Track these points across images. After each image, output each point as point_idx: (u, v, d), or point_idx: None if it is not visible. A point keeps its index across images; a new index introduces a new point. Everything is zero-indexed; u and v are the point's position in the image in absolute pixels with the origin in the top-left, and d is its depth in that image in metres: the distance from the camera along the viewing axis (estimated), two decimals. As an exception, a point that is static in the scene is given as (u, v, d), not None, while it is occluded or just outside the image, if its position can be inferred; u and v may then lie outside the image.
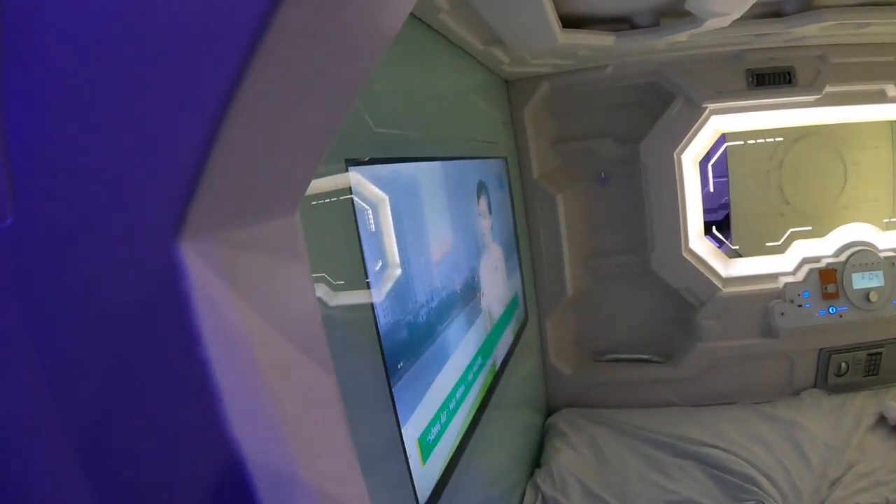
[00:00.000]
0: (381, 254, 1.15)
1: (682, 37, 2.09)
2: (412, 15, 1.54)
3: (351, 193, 1.05)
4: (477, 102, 2.18)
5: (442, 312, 1.42)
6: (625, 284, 2.90)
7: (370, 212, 1.12)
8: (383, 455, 1.15)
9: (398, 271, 1.20)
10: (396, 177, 1.27)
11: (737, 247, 3.21)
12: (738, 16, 1.83)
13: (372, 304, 1.10)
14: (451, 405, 1.48)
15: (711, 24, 1.88)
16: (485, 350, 1.80)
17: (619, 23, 2.11)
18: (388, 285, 1.17)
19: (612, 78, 2.63)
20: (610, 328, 2.95)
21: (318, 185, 0.99)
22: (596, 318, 2.95)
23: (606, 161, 2.76)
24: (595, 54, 2.35)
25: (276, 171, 0.50)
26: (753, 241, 3.28)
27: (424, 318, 1.32)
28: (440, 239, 1.49)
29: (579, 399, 2.87)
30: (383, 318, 1.12)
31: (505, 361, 2.08)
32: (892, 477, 2.32)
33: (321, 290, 0.96)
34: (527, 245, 2.69)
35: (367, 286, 1.08)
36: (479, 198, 1.91)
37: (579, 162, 2.79)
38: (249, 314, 0.46)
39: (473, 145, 2.02)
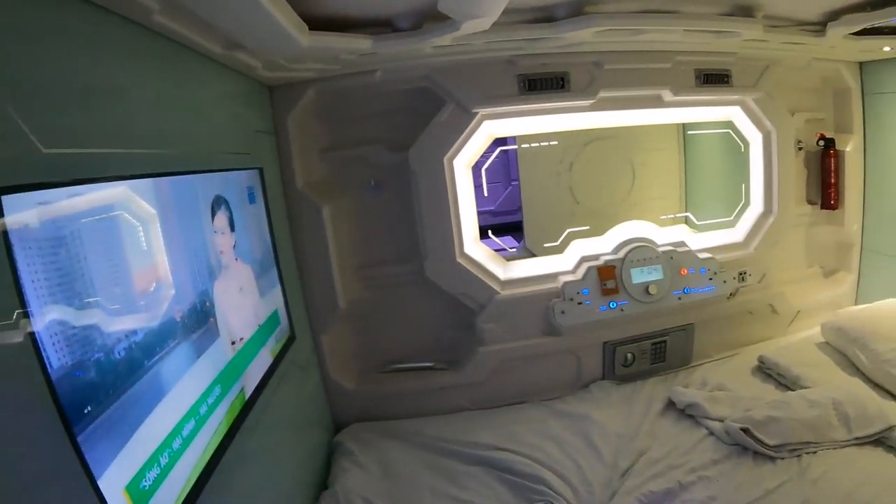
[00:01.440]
0: (52, 292, 1.08)
1: (445, 40, 2.18)
2: (123, 17, 1.47)
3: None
4: (223, 111, 2.15)
5: (152, 345, 1.37)
6: (404, 293, 3.01)
7: (34, 245, 1.05)
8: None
9: (75, 308, 1.13)
10: (79, 202, 1.20)
11: (531, 246, 3.41)
12: (494, 18, 1.93)
13: (37, 347, 1.02)
14: (177, 444, 1.44)
15: (469, 26, 1.97)
16: (227, 378, 1.77)
17: (382, 26, 2.16)
18: (65, 324, 1.10)
19: (381, 83, 2.71)
20: (392, 338, 3.05)
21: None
22: (377, 328, 3.03)
23: (378, 168, 2.85)
24: (361, 59, 2.40)
25: None
26: (546, 241, 3.49)
27: (124, 353, 1.27)
28: (149, 265, 1.43)
29: (367, 413, 2.93)
30: (57, 361, 1.06)
31: (262, 385, 2.05)
32: (684, 460, 2.52)
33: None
34: (292, 259, 2.69)
35: (28, 326, 1.01)
36: (215, 214, 1.86)
37: (350, 170, 2.85)
38: None
39: (213, 157, 1.97)
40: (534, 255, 3.44)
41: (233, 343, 1.87)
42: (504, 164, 6.09)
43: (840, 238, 3.96)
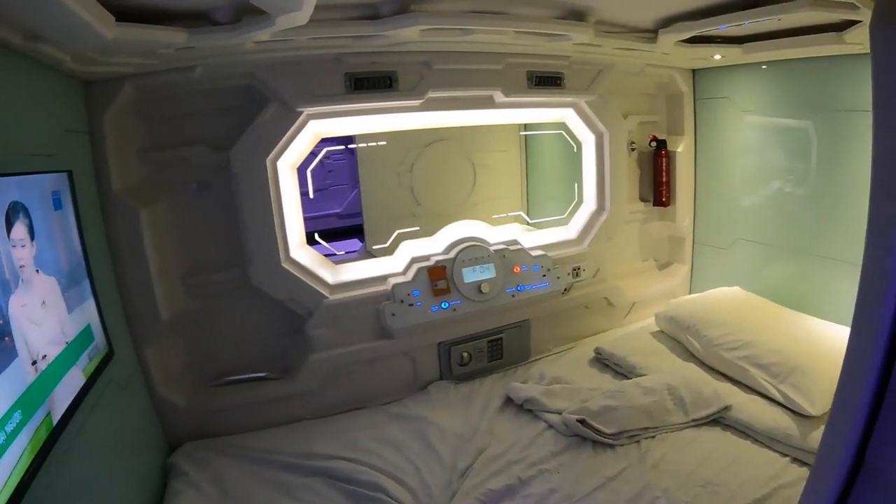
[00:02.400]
0: None
1: (264, 35, 2.14)
2: None
3: None
4: (23, 108, 1.99)
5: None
6: (232, 301, 2.95)
7: None
8: None
9: None
10: None
11: (371, 249, 3.44)
12: (308, 13, 1.91)
13: None
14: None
15: (285, 21, 1.95)
16: (28, 402, 1.66)
17: (199, 19, 2.09)
18: None
19: (202, 80, 2.64)
20: (223, 349, 2.98)
21: None
22: (206, 340, 2.94)
23: (200, 170, 2.77)
24: (179, 54, 2.31)
25: None
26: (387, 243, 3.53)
27: None
28: None
29: (202, 430, 2.83)
30: None
31: (73, 408, 1.94)
32: (523, 455, 2.60)
33: None
34: (109, 268, 2.55)
35: None
36: (10, 225, 1.75)
37: (172, 172, 2.75)
38: None
39: (9, 160, 1.84)
40: (373, 257, 3.47)
41: (34, 363, 1.76)
42: (351, 165, 6.12)
43: (672, 233, 4.36)
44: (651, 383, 2.93)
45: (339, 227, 6.94)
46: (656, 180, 4.10)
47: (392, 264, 3.29)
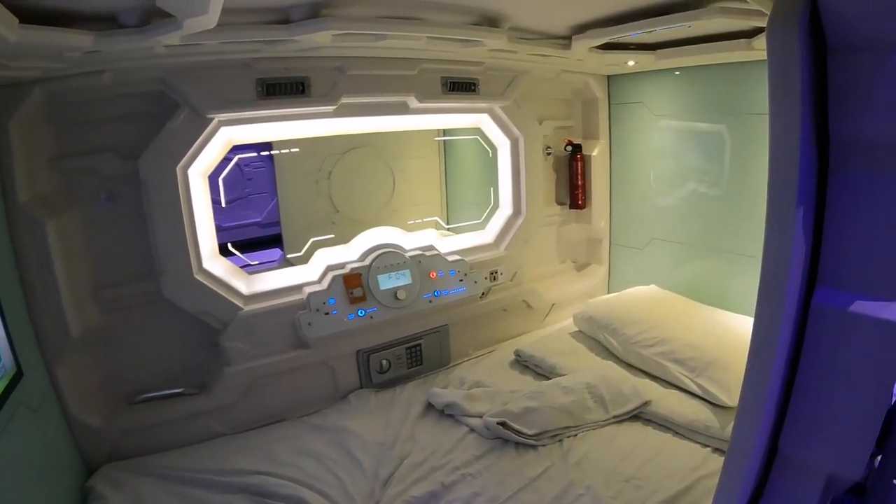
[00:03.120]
0: None
1: (172, 39, 2.13)
2: None
3: None
4: None
5: None
6: (145, 315, 2.89)
7: None
8: None
9: None
10: None
11: (291, 259, 3.42)
12: (215, 16, 1.89)
13: None
14: None
15: (193, 24, 1.93)
16: None
17: (106, 21, 2.05)
18: None
19: (112, 85, 2.58)
20: (139, 366, 2.91)
21: None
22: (121, 356, 2.87)
23: (111, 179, 2.71)
24: (87, 57, 2.26)
25: None
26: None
27: None
28: None
29: (120, 450, 2.76)
30: None
31: None
32: (446, 460, 2.65)
33: None
34: (16, 283, 2.46)
35: None
36: None
37: (82, 181, 2.68)
38: None
39: None
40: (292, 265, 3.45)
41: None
42: (271, 173, 6.07)
43: (589, 234, 4.59)
44: (570, 383, 3.03)
45: (261, 236, 6.88)
46: (572, 184, 4.27)
47: (307, 273, 3.30)
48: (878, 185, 0.97)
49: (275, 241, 5.93)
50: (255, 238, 6.79)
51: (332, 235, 3.68)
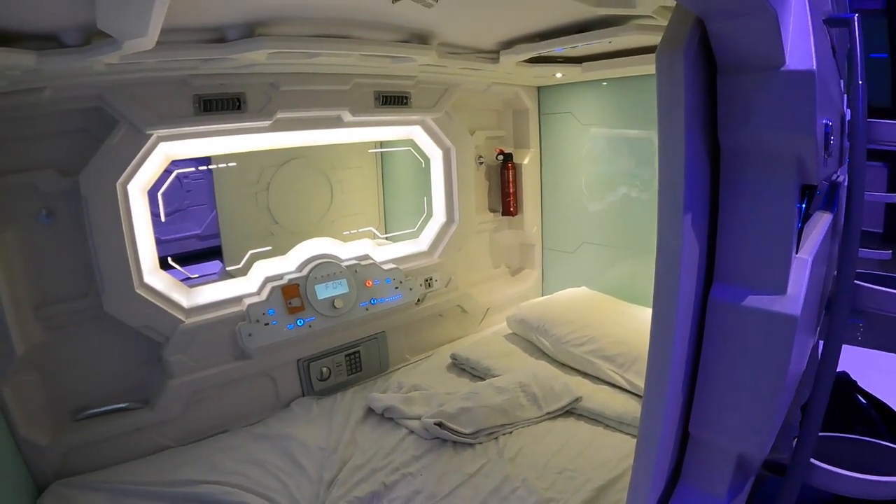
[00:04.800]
0: None
1: (113, 58, 2.21)
2: None
3: None
4: None
5: None
6: (88, 331, 2.93)
7: None
8: None
9: None
10: None
11: (230, 269, 3.51)
12: (153, 38, 1.97)
13: None
14: None
15: (132, 45, 2.01)
16: None
17: (48, 40, 2.14)
18: None
19: (51, 102, 2.63)
20: (83, 382, 2.94)
21: None
22: (65, 373, 2.90)
23: (50, 196, 2.75)
24: (27, 75, 2.34)
25: None
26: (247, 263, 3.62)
27: None
28: None
29: (69, 467, 2.79)
30: None
31: None
32: (387, 461, 2.77)
33: None
34: None
35: None
36: None
37: (20, 197, 2.70)
38: None
39: None
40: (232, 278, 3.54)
41: None
42: (210, 184, 6.11)
43: (522, 240, 4.88)
44: (504, 383, 3.21)
45: (201, 248, 6.89)
46: (504, 191, 4.53)
47: (247, 285, 3.40)
48: (764, 190, 1.12)
49: (215, 253, 5.94)
50: (194, 251, 6.79)
51: (269, 248, 3.78)
